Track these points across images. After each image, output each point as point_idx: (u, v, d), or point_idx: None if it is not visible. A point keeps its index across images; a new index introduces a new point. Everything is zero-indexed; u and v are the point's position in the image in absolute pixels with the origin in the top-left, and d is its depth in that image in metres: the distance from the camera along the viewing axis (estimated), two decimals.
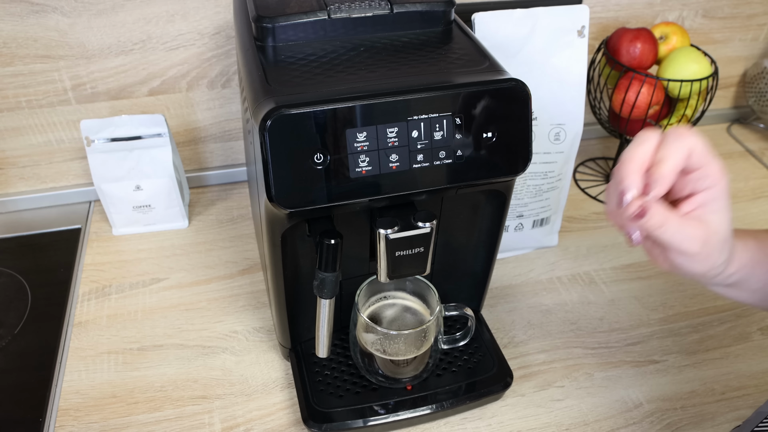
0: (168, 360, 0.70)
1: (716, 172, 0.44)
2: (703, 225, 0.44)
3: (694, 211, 0.45)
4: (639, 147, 0.44)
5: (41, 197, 0.91)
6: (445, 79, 0.50)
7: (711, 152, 0.44)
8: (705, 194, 0.45)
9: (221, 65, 0.85)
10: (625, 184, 0.43)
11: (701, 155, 0.44)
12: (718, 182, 0.44)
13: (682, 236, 0.44)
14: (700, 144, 0.44)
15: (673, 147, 0.43)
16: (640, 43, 0.84)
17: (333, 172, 0.48)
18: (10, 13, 0.74)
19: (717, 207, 0.45)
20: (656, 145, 0.44)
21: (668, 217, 0.43)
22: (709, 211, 0.45)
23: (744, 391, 0.69)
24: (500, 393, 0.66)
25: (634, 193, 0.43)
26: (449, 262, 0.68)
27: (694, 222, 0.44)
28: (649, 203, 0.43)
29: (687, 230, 0.44)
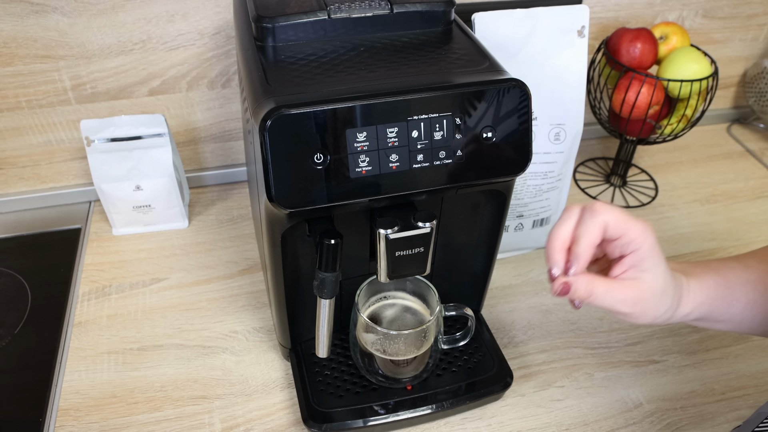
0: (168, 360, 0.70)
1: (638, 236, 0.47)
2: (634, 285, 0.48)
3: (625, 273, 0.48)
4: (560, 226, 0.49)
5: (41, 197, 0.91)
6: (445, 79, 0.50)
7: (628, 219, 0.47)
8: (632, 257, 0.48)
9: (221, 65, 0.85)
10: (549, 263, 0.48)
11: (617, 226, 0.47)
12: (642, 243, 0.47)
13: (611, 301, 0.47)
14: (614, 216, 0.47)
15: (586, 226, 0.47)
16: (640, 43, 0.84)
17: (333, 172, 0.48)
18: (10, 13, 0.74)
19: (647, 265, 0.48)
20: (575, 223, 0.48)
21: (593, 287, 0.47)
22: (639, 270, 0.48)
23: (744, 391, 0.69)
24: (500, 393, 0.66)
25: (557, 270, 0.48)
26: (449, 262, 0.68)
27: (620, 286, 0.48)
28: (572, 280, 0.47)
29: (614, 295, 0.47)
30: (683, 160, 1.04)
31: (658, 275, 0.48)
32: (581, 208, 0.49)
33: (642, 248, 0.47)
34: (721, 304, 0.51)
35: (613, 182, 0.98)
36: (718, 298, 0.51)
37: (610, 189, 0.97)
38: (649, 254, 0.47)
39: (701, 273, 0.52)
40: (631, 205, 0.94)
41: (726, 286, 0.52)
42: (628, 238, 0.47)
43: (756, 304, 0.52)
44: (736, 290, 0.52)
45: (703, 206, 0.95)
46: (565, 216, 0.49)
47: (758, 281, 0.52)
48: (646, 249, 0.47)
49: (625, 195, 0.96)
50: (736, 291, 0.52)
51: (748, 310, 0.52)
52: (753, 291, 0.52)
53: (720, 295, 0.51)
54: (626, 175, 0.98)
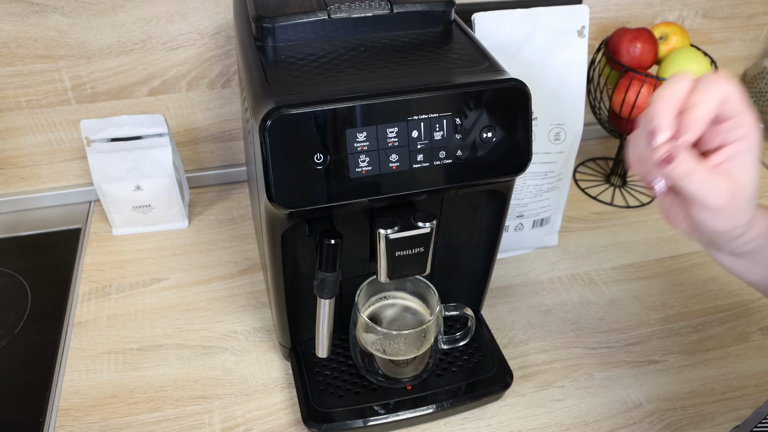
0: (168, 360, 0.70)
1: (749, 124, 0.41)
2: (731, 179, 0.42)
3: (722, 164, 0.42)
4: (672, 87, 0.41)
5: (41, 197, 0.91)
6: (445, 79, 0.50)
7: (745, 102, 0.41)
8: (735, 146, 0.42)
9: (221, 65, 0.85)
10: (655, 123, 0.40)
11: (735, 104, 0.41)
12: (750, 134, 0.42)
13: (710, 188, 0.41)
14: (735, 92, 0.41)
15: (707, 92, 0.40)
16: (640, 43, 0.84)
17: (333, 172, 0.48)
18: (10, 13, 0.74)
19: (746, 161, 0.42)
20: (690, 88, 0.41)
21: (697, 166, 0.40)
22: (738, 165, 0.42)
23: (744, 391, 0.69)
24: (500, 393, 0.66)
25: (666, 135, 0.40)
26: (449, 262, 0.68)
27: (722, 175, 0.42)
28: (678, 149, 0.40)
29: (715, 182, 0.41)
30: None
31: (753, 176, 0.43)
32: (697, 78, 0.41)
33: (747, 139, 0.42)
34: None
35: (613, 182, 0.98)
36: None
37: (610, 189, 0.97)
38: (752, 149, 0.42)
39: (764, 210, 0.48)
40: (631, 205, 0.94)
41: None
42: (739, 122, 0.41)
43: None
44: None
45: None
46: (674, 79, 0.41)
47: None
48: (750, 142, 0.42)
49: (625, 195, 0.96)
50: None
51: None
52: None
53: None
54: (626, 175, 0.98)
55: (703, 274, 0.82)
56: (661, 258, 0.85)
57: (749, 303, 0.79)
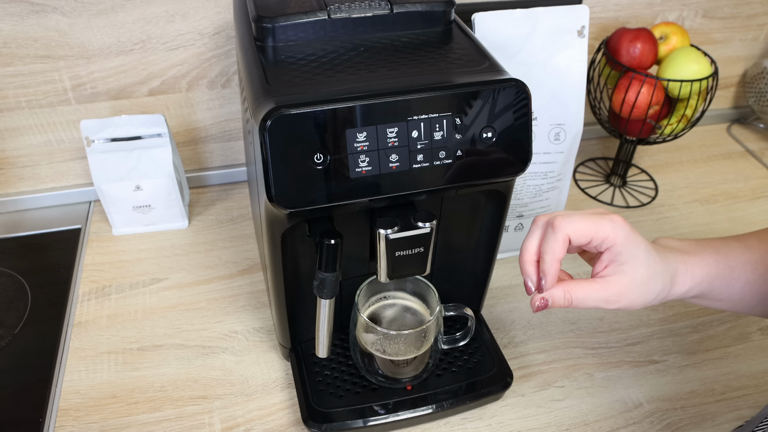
0: (168, 360, 0.70)
1: (608, 234, 0.47)
2: (615, 280, 0.48)
3: (605, 269, 0.49)
4: (528, 241, 0.50)
5: (41, 197, 0.91)
6: (445, 79, 0.50)
7: (593, 223, 0.48)
8: (608, 253, 0.49)
9: (221, 65, 0.85)
10: (524, 277, 0.51)
11: (582, 235, 0.48)
12: (615, 239, 0.48)
13: (594, 302, 0.48)
14: (575, 228, 0.48)
15: (549, 243, 0.48)
16: (640, 43, 0.84)
17: (333, 172, 0.48)
18: (10, 13, 0.74)
19: (624, 258, 0.48)
20: (541, 237, 0.50)
21: (571, 294, 0.48)
22: (618, 264, 0.48)
23: (744, 391, 0.69)
24: (500, 393, 0.66)
25: (531, 286, 0.50)
26: (449, 262, 0.68)
27: (600, 285, 0.48)
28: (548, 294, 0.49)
29: (595, 295, 0.48)
30: (683, 160, 1.04)
31: (638, 264, 0.48)
32: (545, 222, 0.50)
33: (615, 243, 0.48)
34: (720, 283, 0.51)
35: (613, 182, 0.98)
36: (717, 277, 0.51)
37: (610, 189, 0.97)
38: (624, 247, 0.48)
39: (701, 251, 0.52)
40: (631, 205, 0.94)
41: (726, 265, 0.51)
42: (597, 239, 0.48)
43: (755, 284, 0.51)
44: (736, 270, 0.51)
45: (703, 206, 0.95)
46: (532, 229, 0.51)
47: (758, 261, 0.51)
48: (619, 243, 0.48)
49: (625, 195, 0.96)
50: (735, 270, 0.51)
51: (747, 290, 0.52)
52: (753, 271, 0.51)
53: (720, 274, 0.51)
54: (626, 175, 0.98)
55: None
56: None
57: None
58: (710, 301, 0.53)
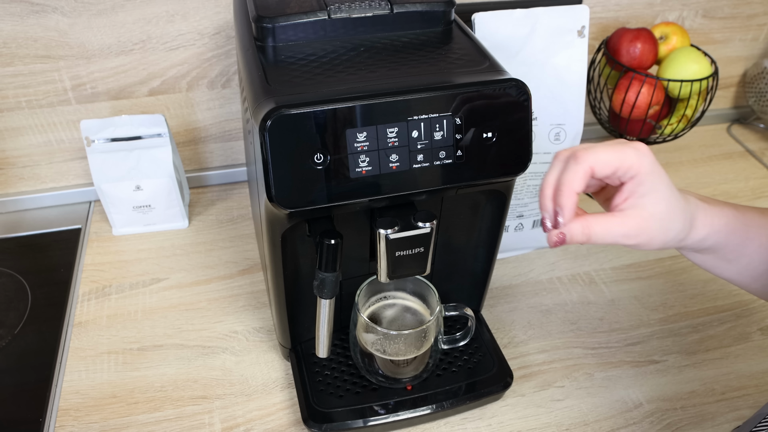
0: (168, 360, 0.70)
1: (633, 163, 0.46)
2: (636, 213, 0.46)
3: (625, 201, 0.47)
4: (549, 175, 0.48)
5: (41, 197, 0.91)
6: (445, 79, 0.50)
7: (618, 152, 0.46)
8: (630, 183, 0.46)
9: (221, 65, 0.85)
10: (542, 213, 0.48)
11: (606, 165, 0.46)
12: (639, 168, 0.46)
13: (612, 236, 0.46)
14: (599, 158, 0.46)
15: (568, 174, 0.46)
16: (640, 43, 0.84)
17: (333, 172, 0.48)
18: (10, 13, 0.74)
19: (646, 189, 0.46)
20: (560, 171, 0.47)
21: (589, 229, 0.46)
22: (639, 196, 0.46)
23: (744, 391, 0.69)
24: (500, 393, 0.66)
25: (548, 221, 0.48)
26: (449, 262, 0.68)
27: (620, 219, 0.46)
28: (566, 229, 0.46)
29: (614, 229, 0.46)
30: (683, 160, 1.04)
31: (660, 199, 0.46)
32: (567, 156, 0.47)
33: (640, 173, 0.46)
34: (735, 239, 0.50)
35: None
36: (734, 231, 0.50)
37: None
38: (648, 177, 0.46)
39: (720, 204, 0.51)
40: None
41: (743, 222, 0.51)
42: (622, 169, 0.46)
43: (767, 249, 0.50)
44: (752, 230, 0.50)
45: None
46: (553, 164, 0.48)
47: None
48: (644, 172, 0.46)
49: None
50: (751, 230, 0.50)
51: (757, 254, 0.51)
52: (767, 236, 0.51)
53: (736, 229, 0.50)
54: None
55: (703, 274, 0.82)
56: (661, 258, 0.85)
57: (749, 303, 0.79)
58: (720, 262, 0.52)
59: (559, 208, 0.46)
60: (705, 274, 0.82)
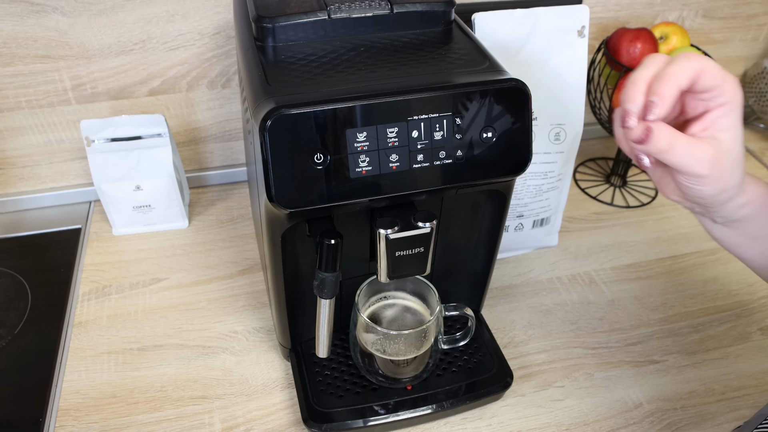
0: (168, 360, 0.70)
1: (729, 90, 0.43)
2: (713, 145, 0.43)
3: (704, 131, 0.44)
4: (645, 69, 0.43)
5: (41, 197, 0.91)
6: (445, 79, 0.50)
7: (723, 72, 0.43)
8: (716, 111, 0.43)
9: (221, 65, 0.85)
10: (627, 105, 0.42)
11: (713, 75, 0.42)
12: (732, 99, 0.43)
13: (691, 159, 0.42)
14: (711, 65, 0.42)
15: (678, 66, 0.42)
16: (640, 43, 0.84)
17: (333, 172, 0.48)
18: (10, 13, 0.74)
19: (728, 124, 0.43)
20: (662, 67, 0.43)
21: (674, 140, 0.42)
22: (720, 129, 0.43)
23: (744, 391, 0.69)
24: (500, 393, 0.66)
25: (634, 118, 0.42)
26: (449, 262, 0.68)
27: (702, 143, 0.43)
28: (652, 127, 0.41)
29: (695, 152, 0.42)
30: None
31: (736, 138, 0.44)
32: (666, 59, 0.43)
33: (729, 103, 0.43)
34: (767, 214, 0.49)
35: (613, 182, 0.98)
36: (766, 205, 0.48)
37: (610, 189, 0.97)
38: (733, 112, 0.43)
39: (756, 178, 0.49)
40: (632, 205, 0.94)
41: None
42: (722, 89, 0.43)
43: None
44: None
45: None
46: (648, 61, 0.44)
47: None
48: (732, 105, 0.43)
49: (625, 195, 0.96)
50: None
51: None
52: None
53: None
54: (626, 175, 0.98)
55: (703, 274, 0.82)
56: (661, 258, 0.85)
57: (749, 303, 0.79)
58: (746, 239, 0.50)
59: (656, 97, 0.41)
60: (705, 274, 0.82)
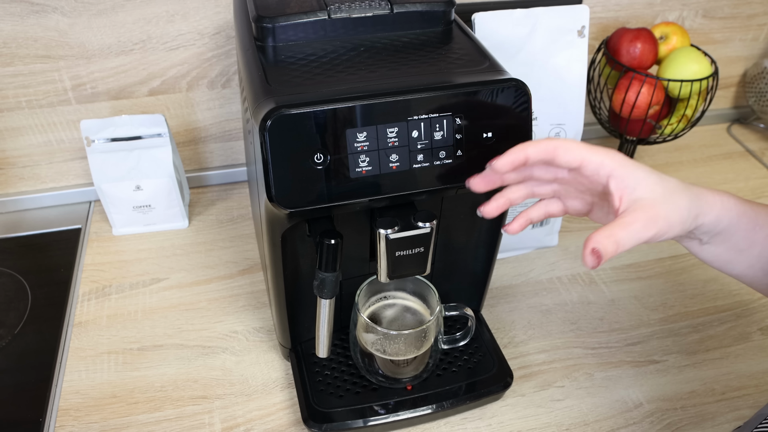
0: (168, 360, 0.70)
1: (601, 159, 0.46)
2: (639, 208, 0.45)
3: (622, 204, 0.46)
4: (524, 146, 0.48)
5: (41, 197, 0.91)
6: (445, 79, 0.50)
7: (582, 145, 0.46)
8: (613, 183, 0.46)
9: (221, 65, 0.85)
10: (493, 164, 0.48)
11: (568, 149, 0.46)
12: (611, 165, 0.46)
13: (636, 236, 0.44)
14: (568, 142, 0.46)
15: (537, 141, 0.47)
16: (640, 43, 0.84)
17: (333, 172, 0.48)
18: (10, 13, 0.74)
19: (632, 182, 0.45)
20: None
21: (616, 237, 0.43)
22: (631, 191, 0.45)
23: (744, 391, 0.69)
24: (500, 393, 0.66)
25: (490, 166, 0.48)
26: (449, 262, 0.68)
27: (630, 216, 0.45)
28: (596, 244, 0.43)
29: (634, 229, 0.44)
30: (683, 160, 1.04)
31: (651, 183, 0.46)
32: None
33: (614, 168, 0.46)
34: (745, 224, 0.49)
35: None
36: (743, 215, 0.49)
37: None
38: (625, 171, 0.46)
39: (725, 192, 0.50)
40: None
41: (751, 208, 0.50)
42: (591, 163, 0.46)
43: None
44: (761, 216, 0.50)
45: None
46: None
47: None
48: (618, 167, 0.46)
49: None
50: (760, 216, 0.50)
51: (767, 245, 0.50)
52: None
53: (745, 212, 0.49)
54: None
55: (703, 274, 0.82)
56: (661, 258, 0.85)
57: (749, 303, 0.79)
58: (732, 254, 0.51)
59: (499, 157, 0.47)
60: (705, 274, 0.82)
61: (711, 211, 0.48)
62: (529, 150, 0.47)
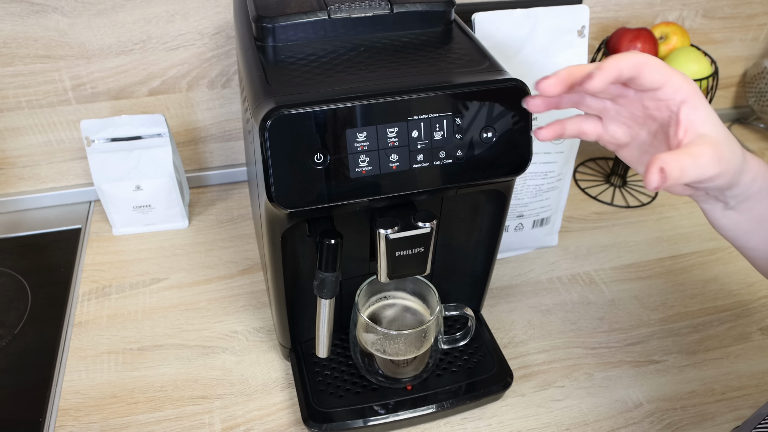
0: (168, 360, 0.70)
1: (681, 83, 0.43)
2: (705, 143, 0.43)
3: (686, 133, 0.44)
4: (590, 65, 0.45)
5: (41, 197, 0.91)
6: (445, 79, 0.50)
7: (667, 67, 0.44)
8: (684, 111, 0.44)
9: (221, 65, 0.85)
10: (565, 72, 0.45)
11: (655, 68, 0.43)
12: (689, 92, 0.43)
13: (700, 169, 0.42)
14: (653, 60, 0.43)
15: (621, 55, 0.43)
16: (640, 43, 0.84)
17: (333, 172, 0.48)
18: (10, 13, 0.74)
19: (702, 116, 0.43)
20: None
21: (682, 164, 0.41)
22: (698, 124, 0.43)
23: (744, 391, 0.69)
24: (500, 393, 0.66)
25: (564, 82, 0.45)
26: (449, 262, 0.68)
27: (698, 148, 0.42)
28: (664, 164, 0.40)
29: (699, 161, 0.42)
30: None
31: (717, 122, 0.44)
32: None
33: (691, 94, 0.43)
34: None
35: (613, 182, 0.98)
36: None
37: (610, 189, 0.97)
38: (700, 100, 0.43)
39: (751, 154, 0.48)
40: (632, 205, 0.94)
41: None
42: (673, 85, 0.43)
43: None
44: None
45: None
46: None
47: None
48: (695, 94, 0.43)
49: (625, 195, 0.96)
50: None
51: None
52: None
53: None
54: (626, 175, 0.98)
55: (703, 274, 0.82)
56: (661, 258, 0.85)
57: (749, 303, 0.79)
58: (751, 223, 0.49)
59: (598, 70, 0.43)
60: (705, 274, 0.82)
61: (750, 170, 0.46)
62: (621, 65, 0.43)
